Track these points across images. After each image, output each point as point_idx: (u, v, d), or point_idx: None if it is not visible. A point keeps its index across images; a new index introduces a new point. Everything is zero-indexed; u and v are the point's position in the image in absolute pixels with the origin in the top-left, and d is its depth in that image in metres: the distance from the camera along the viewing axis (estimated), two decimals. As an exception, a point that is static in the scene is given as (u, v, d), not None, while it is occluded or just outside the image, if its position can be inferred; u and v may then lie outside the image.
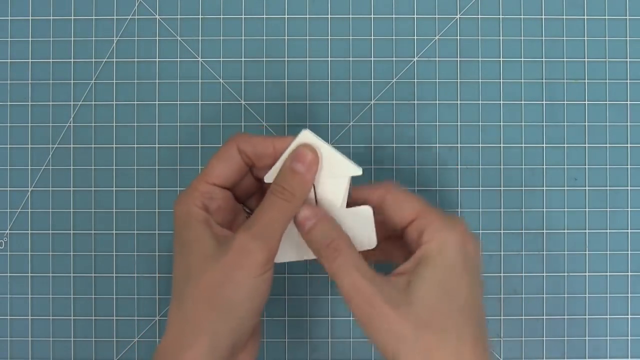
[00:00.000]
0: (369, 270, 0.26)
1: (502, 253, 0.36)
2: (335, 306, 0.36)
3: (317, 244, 0.27)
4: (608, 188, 0.36)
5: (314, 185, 0.30)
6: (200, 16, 0.36)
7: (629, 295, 0.36)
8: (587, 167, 0.36)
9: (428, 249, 0.26)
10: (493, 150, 0.36)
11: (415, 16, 0.36)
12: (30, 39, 0.36)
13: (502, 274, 0.36)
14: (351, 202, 0.30)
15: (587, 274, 0.36)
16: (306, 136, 0.29)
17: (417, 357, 0.25)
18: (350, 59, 0.36)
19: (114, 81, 0.36)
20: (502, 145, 0.36)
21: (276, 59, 0.36)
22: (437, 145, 0.36)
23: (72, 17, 0.36)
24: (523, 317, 0.36)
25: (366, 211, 0.29)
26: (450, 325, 0.25)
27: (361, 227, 0.29)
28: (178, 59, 0.36)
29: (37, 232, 0.36)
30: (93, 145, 0.36)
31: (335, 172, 0.29)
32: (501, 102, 0.36)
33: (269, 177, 0.29)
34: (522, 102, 0.36)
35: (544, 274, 0.36)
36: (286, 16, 0.36)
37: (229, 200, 0.29)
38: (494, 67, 0.36)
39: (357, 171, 0.29)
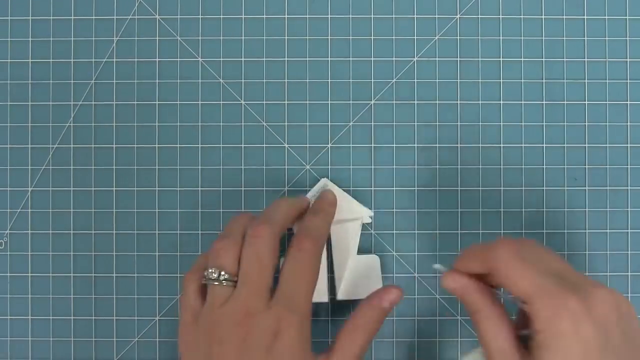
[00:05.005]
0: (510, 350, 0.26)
1: (502, 253, 0.36)
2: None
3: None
4: (608, 188, 0.36)
5: (330, 233, 0.33)
6: (200, 16, 0.36)
7: (629, 295, 0.36)
8: (587, 167, 0.36)
9: (541, 342, 0.25)
10: (493, 150, 0.36)
11: (415, 16, 0.36)
12: (30, 39, 0.36)
13: (502, 274, 0.36)
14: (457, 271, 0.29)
15: (587, 273, 0.36)
16: (324, 183, 0.34)
17: None
18: (350, 59, 0.36)
19: (114, 81, 0.36)
20: (502, 145, 0.36)
21: (276, 59, 0.36)
22: (437, 145, 0.36)
23: (72, 17, 0.36)
24: (523, 317, 0.36)
25: (373, 261, 0.34)
26: None
27: (370, 274, 0.33)
28: (178, 59, 0.36)
29: (37, 232, 0.36)
30: (93, 145, 0.36)
31: (349, 217, 0.33)
32: (501, 102, 0.36)
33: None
34: (522, 102, 0.36)
35: (544, 274, 0.36)
36: (286, 16, 0.36)
37: None
38: (494, 67, 0.36)
39: (369, 213, 0.34)
